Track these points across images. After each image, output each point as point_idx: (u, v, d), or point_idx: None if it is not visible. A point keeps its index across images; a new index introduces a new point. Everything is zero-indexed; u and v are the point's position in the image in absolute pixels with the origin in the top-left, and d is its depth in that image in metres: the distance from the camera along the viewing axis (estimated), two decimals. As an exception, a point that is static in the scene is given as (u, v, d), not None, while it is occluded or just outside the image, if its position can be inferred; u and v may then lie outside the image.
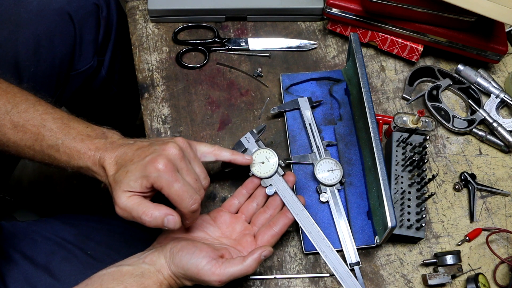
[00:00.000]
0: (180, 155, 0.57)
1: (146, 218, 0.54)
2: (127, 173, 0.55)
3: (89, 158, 0.59)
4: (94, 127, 0.62)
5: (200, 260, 0.57)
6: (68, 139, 0.60)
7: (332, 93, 0.80)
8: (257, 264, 0.59)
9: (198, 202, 0.57)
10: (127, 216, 0.55)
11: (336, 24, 0.86)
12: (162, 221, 0.55)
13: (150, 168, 0.54)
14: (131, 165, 0.55)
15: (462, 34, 0.80)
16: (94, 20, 0.88)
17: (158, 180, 0.54)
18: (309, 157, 0.74)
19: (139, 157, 0.56)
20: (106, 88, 1.02)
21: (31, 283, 0.72)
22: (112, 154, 0.58)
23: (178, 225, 0.56)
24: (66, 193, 1.43)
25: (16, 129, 0.61)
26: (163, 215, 0.55)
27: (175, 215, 0.56)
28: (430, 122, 0.75)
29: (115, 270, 0.57)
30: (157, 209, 0.55)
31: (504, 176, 0.78)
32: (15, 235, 0.77)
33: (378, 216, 0.67)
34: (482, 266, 0.71)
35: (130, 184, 0.54)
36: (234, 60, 0.86)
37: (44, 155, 0.61)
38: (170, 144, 0.57)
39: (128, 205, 0.54)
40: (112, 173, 0.57)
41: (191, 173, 0.58)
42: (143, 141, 0.60)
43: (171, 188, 0.55)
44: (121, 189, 0.55)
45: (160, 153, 0.55)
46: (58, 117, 0.62)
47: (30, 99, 0.63)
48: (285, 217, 0.65)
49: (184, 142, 0.60)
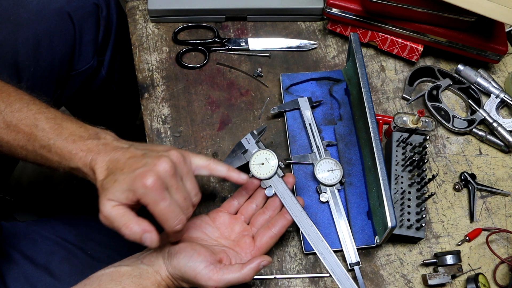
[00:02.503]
0: (171, 171, 0.54)
1: (126, 231, 0.53)
2: (115, 182, 0.53)
3: (80, 159, 0.57)
4: (87, 127, 0.61)
5: (198, 264, 0.57)
6: (60, 139, 0.59)
7: (332, 93, 0.80)
8: (255, 273, 0.59)
9: (183, 222, 0.55)
10: (108, 225, 0.54)
11: (336, 24, 0.86)
12: (140, 237, 0.53)
13: (138, 183, 0.52)
14: (120, 175, 0.54)
15: (462, 34, 0.80)
16: (94, 20, 0.87)
17: (145, 196, 0.52)
18: (309, 157, 0.74)
19: (130, 167, 0.54)
20: (106, 88, 1.02)
21: (31, 283, 0.72)
22: (104, 157, 0.56)
23: (155, 244, 0.54)
24: (66, 193, 1.43)
25: (9, 128, 0.60)
26: (141, 231, 0.53)
27: (153, 233, 0.54)
28: (430, 122, 0.75)
29: (113, 271, 0.57)
30: (138, 224, 0.53)
31: (504, 176, 0.78)
32: (15, 235, 0.77)
33: (378, 216, 0.67)
34: (482, 266, 0.71)
35: (116, 194, 0.53)
36: (234, 60, 0.86)
37: (37, 155, 0.60)
38: (162, 159, 0.54)
39: (112, 214, 0.53)
40: (101, 178, 0.55)
41: (181, 191, 0.56)
42: (138, 148, 0.58)
43: (157, 207, 0.53)
44: (106, 197, 0.53)
45: (151, 168, 0.53)
46: (51, 117, 0.61)
47: (24, 98, 0.62)
48: (284, 219, 0.65)
49: (178, 156, 0.57)
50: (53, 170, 0.62)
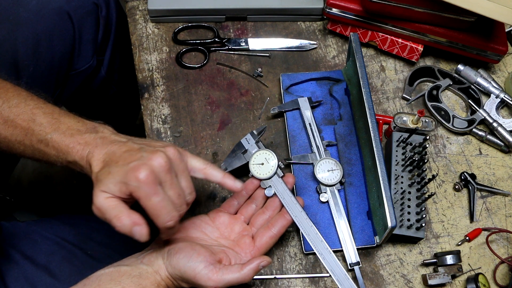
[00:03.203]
0: (166, 167, 0.54)
1: (117, 222, 0.53)
2: (109, 175, 0.53)
3: (77, 152, 0.57)
4: (85, 121, 0.61)
5: (197, 264, 0.56)
6: (58, 133, 0.58)
7: (332, 93, 0.80)
8: (255, 273, 0.59)
9: (175, 219, 0.54)
10: (100, 216, 0.54)
11: (336, 24, 0.86)
12: (130, 230, 0.53)
13: (131, 176, 0.52)
14: (114, 167, 0.53)
15: (462, 34, 0.80)
16: (93, 20, 0.87)
17: (137, 190, 0.52)
18: (309, 157, 0.74)
19: (124, 160, 0.54)
20: (105, 87, 1.02)
21: (31, 283, 0.72)
22: (101, 150, 0.56)
23: (144, 238, 0.53)
24: (66, 193, 1.42)
25: (7, 124, 0.60)
26: (132, 224, 0.53)
27: (143, 226, 0.53)
28: (430, 122, 0.75)
29: (113, 271, 0.57)
30: (129, 216, 0.53)
31: (504, 176, 0.78)
32: (15, 235, 0.77)
33: (378, 216, 0.67)
34: (482, 266, 0.71)
35: (109, 186, 0.53)
36: (234, 60, 0.86)
37: (34, 150, 0.60)
38: (158, 154, 0.54)
39: (104, 206, 0.53)
40: (96, 170, 0.55)
41: (175, 187, 0.55)
42: (136, 142, 0.57)
43: (148, 201, 0.52)
44: (100, 189, 0.53)
45: (145, 162, 0.53)
46: (48, 112, 0.61)
47: (22, 94, 0.62)
48: (284, 219, 0.65)
49: (175, 153, 0.57)
50: (55, 169, 0.62)
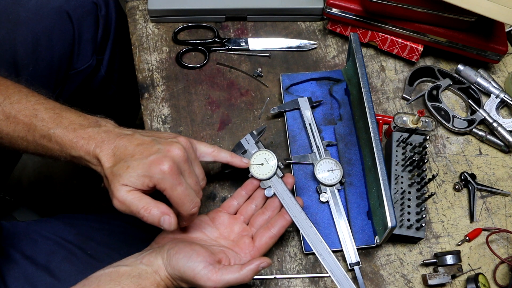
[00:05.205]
0: (184, 157, 0.57)
1: (145, 213, 0.54)
2: (128, 169, 0.54)
3: (81, 147, 0.58)
4: (87, 116, 0.61)
5: (197, 264, 0.57)
6: (60, 128, 0.59)
7: (332, 93, 0.79)
8: (254, 274, 0.59)
9: (198, 205, 0.57)
10: (125, 209, 0.55)
11: (336, 24, 0.85)
12: (159, 220, 0.55)
13: (155, 169, 0.54)
14: (132, 161, 0.55)
15: (462, 34, 0.80)
16: (93, 19, 0.87)
17: (162, 182, 0.54)
18: (309, 157, 0.74)
19: (141, 154, 0.55)
20: (105, 87, 1.02)
21: (31, 282, 0.72)
22: (109, 145, 0.57)
23: (173, 227, 0.56)
24: (66, 193, 1.42)
25: (9, 120, 0.61)
26: (160, 214, 0.55)
27: (172, 216, 0.55)
28: (430, 122, 0.75)
29: (112, 271, 0.57)
30: (157, 207, 0.55)
31: (504, 176, 0.78)
32: (15, 235, 0.77)
33: (378, 216, 0.67)
34: (482, 266, 0.71)
35: (131, 180, 0.54)
36: (234, 60, 0.85)
37: (37, 145, 0.61)
38: (175, 145, 0.57)
39: (128, 199, 0.54)
40: (109, 166, 0.56)
41: (193, 175, 0.58)
42: (144, 135, 0.59)
43: (174, 191, 0.55)
44: (120, 183, 0.54)
45: (166, 154, 0.55)
46: (50, 107, 0.61)
47: (23, 90, 0.63)
48: (283, 219, 0.65)
49: (187, 142, 0.59)
50: (55, 169, 0.62)
